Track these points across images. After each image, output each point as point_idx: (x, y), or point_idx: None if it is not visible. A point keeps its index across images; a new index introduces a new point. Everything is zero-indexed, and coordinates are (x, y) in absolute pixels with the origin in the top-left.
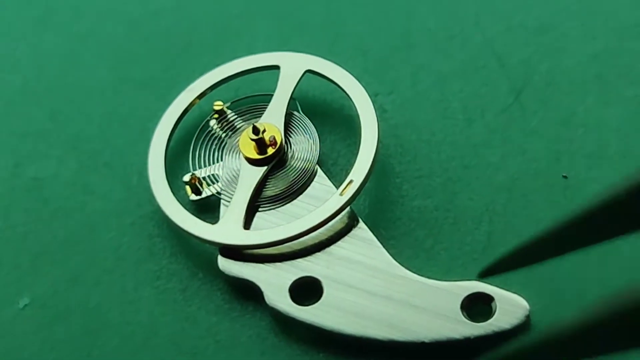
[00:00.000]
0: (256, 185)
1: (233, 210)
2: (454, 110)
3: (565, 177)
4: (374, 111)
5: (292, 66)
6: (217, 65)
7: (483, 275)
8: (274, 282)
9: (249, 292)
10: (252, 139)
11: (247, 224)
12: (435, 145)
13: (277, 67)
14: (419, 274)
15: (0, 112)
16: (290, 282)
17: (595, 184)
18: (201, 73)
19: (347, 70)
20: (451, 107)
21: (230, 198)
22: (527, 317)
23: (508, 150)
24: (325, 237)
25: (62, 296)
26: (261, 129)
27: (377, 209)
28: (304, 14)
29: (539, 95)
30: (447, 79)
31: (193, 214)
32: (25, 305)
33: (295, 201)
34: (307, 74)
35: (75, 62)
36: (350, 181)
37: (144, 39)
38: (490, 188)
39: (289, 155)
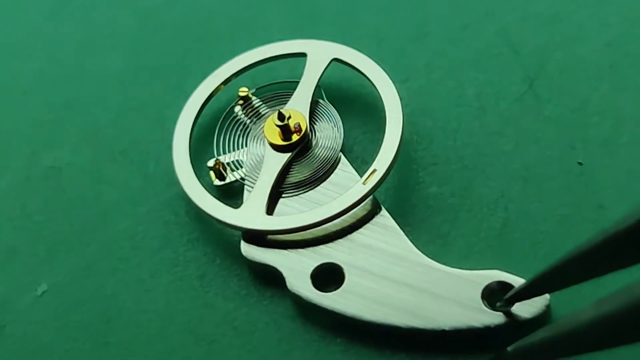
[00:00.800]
0: (280, 171)
1: (256, 195)
2: (468, 98)
3: (580, 164)
4: (399, 102)
5: (319, 54)
6: (232, 53)
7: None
8: (295, 268)
9: (269, 278)
10: (278, 125)
11: (269, 210)
12: (450, 133)
13: (304, 55)
14: (438, 262)
15: (16, 101)
16: (312, 268)
17: (610, 171)
18: (216, 61)
19: (373, 60)
20: (466, 94)
21: (254, 184)
22: (547, 307)
23: (522, 137)
24: (348, 224)
25: (79, 284)
26: (287, 115)
27: (393, 195)
28: (318, 3)
29: (553, 83)
30: (462, 67)
31: (217, 198)
32: (44, 292)
33: (318, 188)
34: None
35: (91, 51)
36: (374, 170)
37: (159, 27)
38: (506, 175)
39: (313, 143)
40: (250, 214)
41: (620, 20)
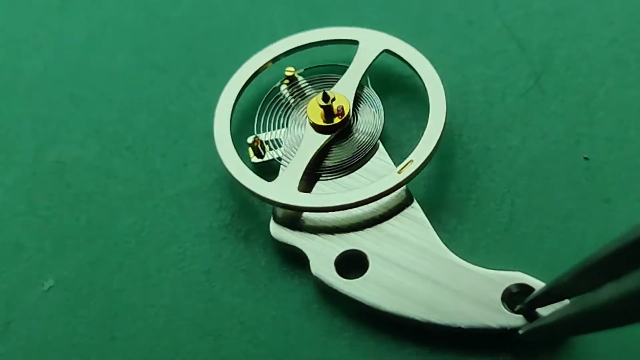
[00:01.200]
0: (317, 151)
1: (290, 171)
2: (474, 94)
3: (586, 158)
4: (444, 98)
5: (371, 43)
6: (237, 50)
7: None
8: (321, 252)
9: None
10: (321, 106)
11: (302, 187)
12: (457, 128)
13: (355, 42)
14: (465, 260)
15: (22, 97)
16: (337, 254)
17: (615, 166)
18: (221, 57)
19: (424, 55)
20: (472, 90)
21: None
22: None
23: (529, 132)
24: (379, 213)
25: (86, 279)
26: (331, 97)
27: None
28: None
29: (558, 79)
30: (468, 63)
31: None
32: (50, 287)
33: (353, 174)
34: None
35: (96, 46)
36: (411, 161)
37: (165, 23)
38: (512, 170)
39: (354, 128)
40: (282, 188)
41: (625, 16)
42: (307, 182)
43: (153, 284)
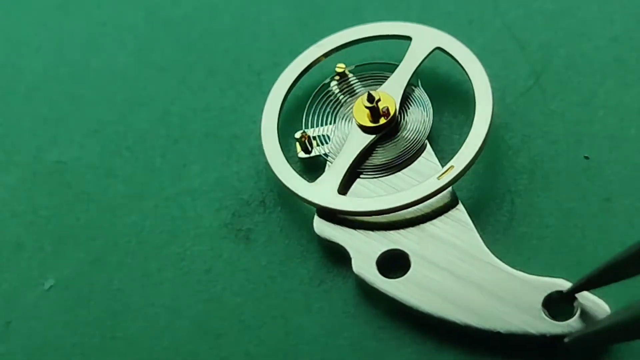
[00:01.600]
0: (360, 151)
1: (332, 172)
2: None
3: (586, 157)
4: (491, 105)
5: (423, 40)
6: (237, 48)
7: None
8: (363, 251)
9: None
10: (366, 107)
11: (342, 189)
12: (457, 127)
13: (408, 38)
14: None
15: (22, 97)
16: (379, 253)
17: (616, 165)
18: (221, 57)
19: (476, 55)
20: (472, 89)
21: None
22: None
23: (529, 132)
24: (422, 213)
25: (86, 278)
26: (376, 98)
27: None
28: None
29: (559, 78)
30: None
31: (298, 171)
32: (50, 287)
33: (398, 173)
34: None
35: (96, 47)
36: (451, 167)
37: (165, 23)
38: (512, 169)
39: (401, 127)
40: (322, 190)
41: (626, 16)
42: (346, 181)
43: (153, 284)
